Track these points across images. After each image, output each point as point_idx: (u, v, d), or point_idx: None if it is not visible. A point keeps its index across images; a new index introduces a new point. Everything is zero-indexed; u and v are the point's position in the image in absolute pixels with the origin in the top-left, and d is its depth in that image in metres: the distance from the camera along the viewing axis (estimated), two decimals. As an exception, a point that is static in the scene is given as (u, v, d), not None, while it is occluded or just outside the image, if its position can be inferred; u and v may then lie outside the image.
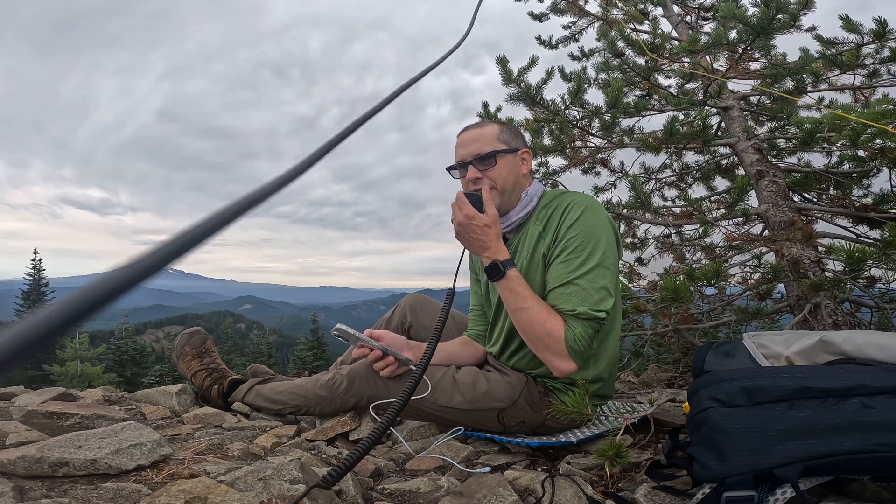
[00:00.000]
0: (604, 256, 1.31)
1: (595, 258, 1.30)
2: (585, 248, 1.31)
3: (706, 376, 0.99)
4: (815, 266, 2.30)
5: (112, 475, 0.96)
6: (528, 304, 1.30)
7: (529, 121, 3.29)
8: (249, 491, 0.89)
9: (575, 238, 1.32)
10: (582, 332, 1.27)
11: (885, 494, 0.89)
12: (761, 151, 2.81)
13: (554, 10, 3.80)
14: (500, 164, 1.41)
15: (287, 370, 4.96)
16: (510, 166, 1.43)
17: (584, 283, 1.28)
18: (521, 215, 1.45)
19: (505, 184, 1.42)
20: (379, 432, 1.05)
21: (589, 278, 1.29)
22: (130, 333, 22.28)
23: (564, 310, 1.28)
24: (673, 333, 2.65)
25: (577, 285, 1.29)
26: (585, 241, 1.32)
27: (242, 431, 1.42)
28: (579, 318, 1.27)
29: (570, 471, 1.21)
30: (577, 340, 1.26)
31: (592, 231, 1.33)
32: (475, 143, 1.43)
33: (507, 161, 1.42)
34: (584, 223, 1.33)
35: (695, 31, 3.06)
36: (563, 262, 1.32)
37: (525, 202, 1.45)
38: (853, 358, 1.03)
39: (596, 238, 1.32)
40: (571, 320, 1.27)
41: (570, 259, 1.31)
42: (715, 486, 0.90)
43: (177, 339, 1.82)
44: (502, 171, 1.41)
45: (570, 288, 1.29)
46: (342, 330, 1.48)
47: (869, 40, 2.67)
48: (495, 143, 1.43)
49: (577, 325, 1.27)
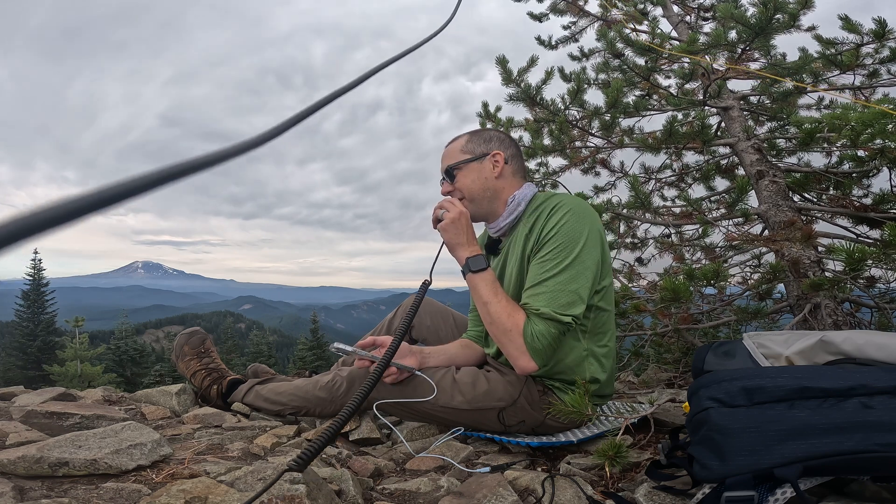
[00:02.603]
0: (578, 260, 1.32)
1: (569, 260, 1.31)
2: (563, 250, 1.32)
3: (706, 376, 0.99)
4: (815, 266, 2.30)
5: (112, 475, 0.96)
6: (497, 298, 1.34)
7: (529, 121, 3.29)
8: (249, 491, 0.89)
9: (554, 239, 1.34)
10: (543, 330, 1.28)
11: (885, 494, 0.89)
12: (761, 151, 2.81)
13: (553, 10, 3.80)
14: (462, 175, 1.49)
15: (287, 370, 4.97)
16: (475, 174, 1.49)
17: (555, 284, 1.30)
18: (508, 220, 1.48)
19: (471, 192, 1.49)
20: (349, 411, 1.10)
21: (560, 280, 1.30)
22: (130, 333, 22.27)
23: (531, 308, 1.30)
24: (673, 333, 2.65)
25: (546, 286, 1.31)
26: (564, 243, 1.33)
27: (242, 431, 1.42)
28: (542, 317, 1.28)
29: (570, 471, 1.21)
30: (536, 338, 1.28)
31: (573, 233, 1.33)
32: (445, 159, 1.54)
33: (470, 170, 1.49)
34: (566, 225, 1.34)
35: (694, 31, 3.06)
36: (540, 262, 1.34)
37: (511, 207, 1.47)
38: (853, 358, 1.03)
39: (575, 241, 1.33)
40: (535, 318, 1.29)
41: (546, 260, 1.33)
42: (715, 486, 0.90)
43: (176, 339, 1.82)
44: (466, 181, 1.49)
45: (540, 288, 1.31)
46: (339, 348, 1.49)
47: (868, 40, 2.67)
48: (458, 156, 1.51)
49: (538, 324, 1.28)
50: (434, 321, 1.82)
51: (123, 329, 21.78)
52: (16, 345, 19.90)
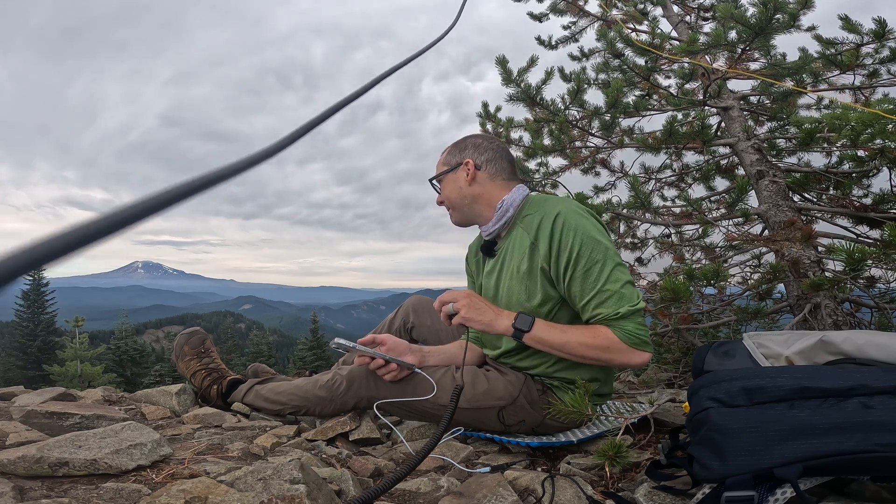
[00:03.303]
0: (610, 254, 1.36)
1: (604, 258, 1.35)
2: (593, 253, 1.35)
3: (706, 376, 0.99)
4: (815, 266, 2.30)
5: (112, 475, 0.96)
6: (567, 335, 1.35)
7: (529, 121, 3.29)
8: (249, 491, 0.89)
9: (582, 251, 1.35)
10: (633, 326, 1.32)
11: (885, 494, 0.89)
12: (761, 151, 2.81)
13: (553, 10, 3.80)
14: (443, 185, 1.59)
15: (287, 370, 4.97)
16: (452, 184, 1.56)
17: (612, 286, 1.33)
18: (498, 225, 1.51)
19: (451, 200, 1.57)
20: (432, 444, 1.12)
21: (613, 279, 1.34)
22: (130, 333, 22.25)
23: (608, 317, 1.32)
24: (673, 333, 2.65)
25: (608, 291, 1.33)
26: (590, 247, 1.35)
27: (242, 431, 1.42)
28: (624, 318, 1.32)
29: (570, 471, 1.21)
30: (632, 335, 1.31)
31: (588, 236, 1.36)
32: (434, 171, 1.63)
33: (448, 180, 1.57)
34: (579, 232, 1.36)
35: (694, 31, 3.06)
36: (584, 275, 1.35)
37: (500, 213, 1.50)
38: (853, 358, 1.03)
39: (595, 241, 1.36)
40: (618, 322, 1.32)
41: (589, 271, 1.35)
42: (715, 486, 0.90)
43: (176, 339, 1.82)
44: (446, 191, 1.58)
45: (603, 295, 1.33)
46: (340, 344, 1.49)
47: (868, 40, 2.67)
48: (440, 168, 1.60)
49: (626, 324, 1.32)
50: (434, 321, 1.82)
51: (123, 329, 21.76)
52: (16, 345, 19.89)
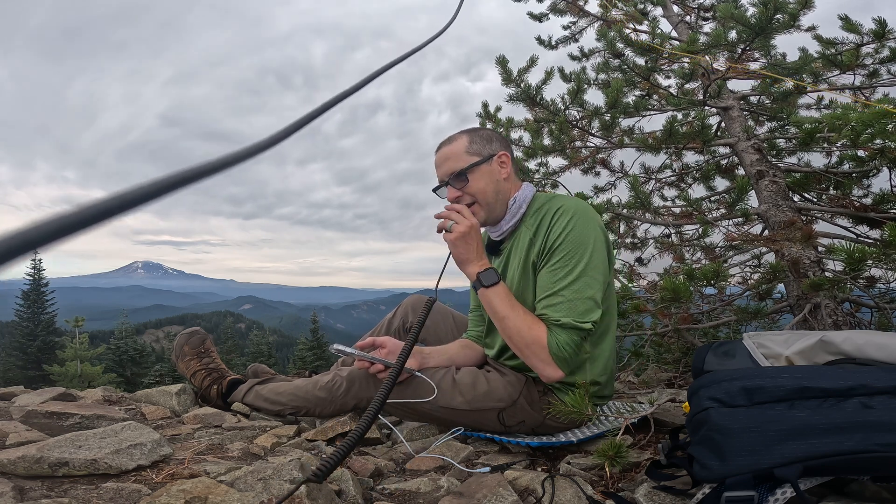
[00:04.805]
0: (590, 265, 1.31)
1: (581, 267, 1.30)
2: (573, 257, 1.31)
3: (706, 376, 0.99)
4: (815, 266, 2.30)
5: (112, 475, 0.96)
6: (514, 312, 1.32)
7: (529, 121, 3.29)
8: (249, 491, 0.89)
9: (563, 246, 1.32)
10: (567, 339, 1.28)
11: (885, 494, 0.89)
12: (761, 151, 2.81)
13: (553, 10, 3.80)
14: (475, 177, 1.40)
15: (287, 370, 4.96)
16: (486, 176, 1.41)
17: (570, 293, 1.29)
18: (511, 224, 1.46)
19: (486, 196, 1.41)
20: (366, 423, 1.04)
21: (575, 288, 1.29)
22: (130, 333, 22.25)
23: (550, 319, 1.29)
24: (673, 333, 2.65)
25: (562, 296, 1.29)
26: (573, 250, 1.32)
27: (242, 431, 1.42)
28: (564, 327, 1.28)
29: (570, 471, 1.20)
30: (562, 348, 1.28)
31: (580, 239, 1.32)
32: (447, 161, 1.43)
33: (481, 172, 1.41)
34: (572, 231, 1.33)
35: (694, 31, 3.06)
36: (551, 270, 1.33)
37: (514, 210, 1.45)
38: (853, 358, 1.03)
39: (583, 246, 1.32)
40: (556, 329, 1.28)
41: (557, 268, 1.32)
42: (715, 486, 0.90)
43: (176, 339, 1.82)
44: (479, 184, 1.40)
45: (556, 298, 1.30)
46: (339, 350, 1.48)
47: (868, 40, 2.67)
48: (466, 158, 1.41)
49: (561, 334, 1.28)
50: (434, 321, 1.82)
51: (123, 329, 21.77)
52: (16, 345, 19.89)
